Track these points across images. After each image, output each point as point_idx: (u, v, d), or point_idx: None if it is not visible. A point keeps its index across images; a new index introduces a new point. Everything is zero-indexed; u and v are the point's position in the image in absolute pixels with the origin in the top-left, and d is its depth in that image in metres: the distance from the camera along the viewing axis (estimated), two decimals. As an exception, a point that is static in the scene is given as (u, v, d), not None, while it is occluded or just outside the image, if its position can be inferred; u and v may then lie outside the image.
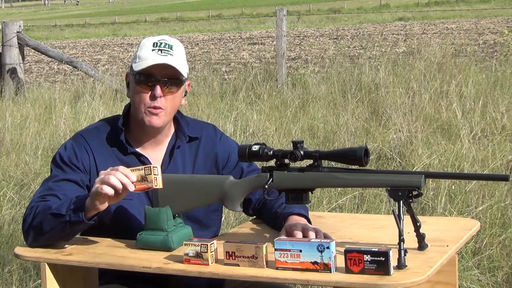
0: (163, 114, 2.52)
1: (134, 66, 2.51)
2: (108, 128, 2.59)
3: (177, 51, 2.53)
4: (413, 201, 2.18)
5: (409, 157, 6.01)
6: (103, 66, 14.15)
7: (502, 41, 14.19)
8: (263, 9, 48.86)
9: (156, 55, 2.49)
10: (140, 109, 2.51)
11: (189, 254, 2.20)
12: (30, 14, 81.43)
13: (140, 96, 2.51)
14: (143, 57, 2.50)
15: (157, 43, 2.51)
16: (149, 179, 2.26)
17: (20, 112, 8.84)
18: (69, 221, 2.31)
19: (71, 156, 2.52)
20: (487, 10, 27.02)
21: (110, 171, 2.27)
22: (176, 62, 2.50)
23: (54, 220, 2.33)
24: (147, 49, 2.51)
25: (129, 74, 2.58)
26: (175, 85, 2.52)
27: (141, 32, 35.39)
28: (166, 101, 2.51)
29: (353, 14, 38.35)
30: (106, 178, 2.24)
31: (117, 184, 2.23)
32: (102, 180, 2.25)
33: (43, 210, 2.37)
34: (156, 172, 2.26)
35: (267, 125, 7.31)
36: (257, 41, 22.02)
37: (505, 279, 3.99)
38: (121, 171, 2.26)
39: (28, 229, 2.40)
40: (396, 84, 8.43)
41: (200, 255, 2.18)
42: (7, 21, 10.98)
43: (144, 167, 2.28)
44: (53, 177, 2.50)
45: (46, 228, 2.35)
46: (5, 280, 4.15)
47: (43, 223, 2.35)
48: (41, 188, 2.50)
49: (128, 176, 2.25)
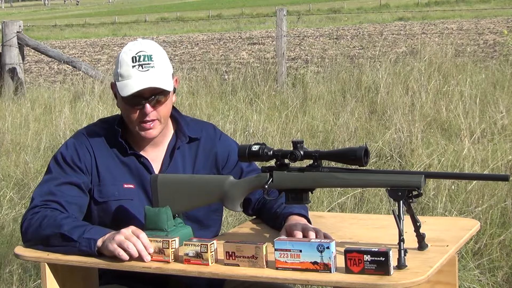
0: (157, 124, 2.52)
1: (119, 87, 2.48)
2: (108, 128, 2.59)
3: (157, 59, 2.49)
4: (413, 201, 2.18)
5: (409, 157, 6.01)
6: (103, 66, 14.15)
7: (502, 41, 14.20)
8: (263, 9, 48.84)
9: (138, 73, 2.46)
10: (133, 125, 2.52)
11: (189, 254, 2.20)
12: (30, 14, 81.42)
13: (130, 115, 2.50)
14: (125, 75, 2.47)
15: (135, 58, 2.47)
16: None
17: (20, 112, 8.83)
18: (79, 249, 2.32)
19: (73, 156, 2.52)
20: (487, 10, 27.01)
21: (131, 236, 2.25)
22: (159, 75, 2.47)
23: (63, 241, 2.34)
24: (127, 66, 2.47)
25: (114, 85, 2.55)
26: (163, 95, 2.50)
27: (141, 32, 35.37)
28: (158, 112, 2.50)
29: (353, 14, 38.35)
30: (126, 245, 2.24)
31: (134, 253, 2.24)
32: (121, 243, 2.25)
33: (51, 225, 2.37)
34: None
35: (267, 125, 7.30)
36: (257, 41, 22.01)
37: (505, 279, 3.99)
38: (143, 242, 2.24)
39: (31, 234, 2.40)
40: (396, 84, 8.43)
41: (200, 255, 2.18)
42: (7, 21, 10.97)
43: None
44: (55, 179, 2.49)
45: (52, 243, 2.36)
46: (5, 280, 4.15)
47: (50, 239, 2.36)
48: (42, 188, 2.49)
49: (147, 248, 2.24)
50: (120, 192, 2.52)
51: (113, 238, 2.26)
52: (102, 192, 2.53)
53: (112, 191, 2.52)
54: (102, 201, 2.53)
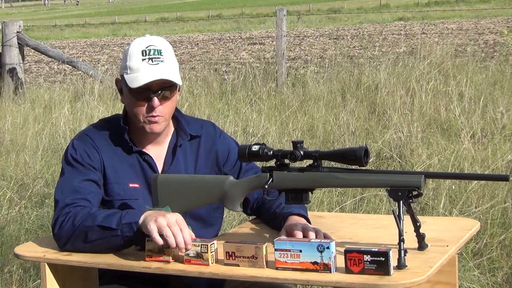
0: (162, 120, 2.52)
1: (127, 79, 2.48)
2: (110, 128, 2.59)
3: (167, 54, 2.51)
4: (413, 201, 2.18)
5: (409, 157, 6.01)
6: (103, 66, 14.14)
7: (502, 41, 14.19)
8: (263, 9, 48.83)
9: (148, 66, 2.47)
10: (139, 119, 2.51)
11: (189, 254, 2.20)
12: (30, 14, 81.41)
13: (137, 108, 2.50)
14: (134, 68, 2.48)
15: (145, 51, 2.49)
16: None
17: (20, 112, 8.83)
18: (122, 236, 2.29)
19: (83, 155, 2.51)
20: (487, 10, 27.00)
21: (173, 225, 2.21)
22: (168, 70, 2.49)
23: (102, 232, 2.30)
24: (136, 59, 2.48)
25: (119, 81, 2.56)
26: (170, 91, 2.51)
27: (141, 32, 35.34)
28: (164, 108, 2.51)
29: (353, 14, 38.34)
30: (165, 231, 2.20)
31: (171, 243, 2.20)
32: (161, 228, 2.21)
33: (86, 220, 2.33)
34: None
35: (267, 125, 7.30)
36: (257, 41, 22.01)
37: (505, 279, 3.99)
38: (184, 236, 2.21)
39: (66, 235, 2.35)
40: (396, 84, 8.43)
41: (201, 256, 2.18)
42: (7, 21, 10.97)
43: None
44: (74, 178, 2.47)
45: (91, 238, 2.32)
46: (5, 280, 4.15)
47: (88, 234, 2.32)
48: (63, 189, 2.45)
49: (186, 243, 2.20)
50: (125, 192, 2.52)
51: (156, 220, 2.22)
52: (108, 191, 2.52)
53: (117, 191, 2.52)
54: (108, 199, 2.52)
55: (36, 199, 5.64)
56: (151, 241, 2.21)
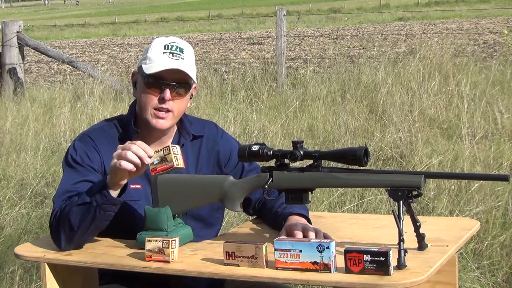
0: (170, 117, 2.51)
1: (145, 68, 2.50)
2: (113, 129, 2.58)
3: (188, 54, 2.53)
4: (413, 201, 2.18)
5: (409, 157, 6.01)
6: (103, 66, 14.15)
7: (502, 41, 14.19)
8: (263, 9, 48.82)
9: (168, 59, 2.49)
10: (147, 110, 2.51)
11: (154, 162, 2.25)
12: (30, 14, 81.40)
13: (148, 97, 2.50)
14: (153, 59, 2.50)
15: (168, 46, 2.51)
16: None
17: (20, 112, 8.83)
18: (97, 205, 2.30)
19: (83, 157, 2.51)
20: (487, 10, 27.01)
21: (126, 145, 2.28)
22: (187, 67, 2.50)
23: (81, 210, 2.32)
24: (157, 51, 2.50)
25: (136, 73, 2.57)
26: (184, 88, 2.52)
27: (141, 32, 35.37)
28: (174, 104, 2.51)
29: (353, 14, 38.33)
30: (124, 153, 2.26)
31: (134, 159, 2.25)
32: (119, 155, 2.27)
33: (66, 208, 2.36)
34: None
35: (267, 125, 7.30)
36: (257, 41, 22.02)
37: (505, 279, 3.99)
38: (138, 145, 2.27)
39: (57, 231, 2.37)
40: (396, 84, 8.42)
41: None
42: (7, 21, 10.97)
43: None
44: (70, 180, 2.48)
45: (75, 222, 2.33)
46: (6, 280, 4.15)
47: (70, 219, 2.33)
48: (59, 192, 2.47)
49: (145, 150, 2.27)
50: (126, 193, 2.51)
51: (112, 158, 2.28)
52: None
53: None
54: None
55: (36, 199, 5.64)
56: (151, 241, 2.21)
